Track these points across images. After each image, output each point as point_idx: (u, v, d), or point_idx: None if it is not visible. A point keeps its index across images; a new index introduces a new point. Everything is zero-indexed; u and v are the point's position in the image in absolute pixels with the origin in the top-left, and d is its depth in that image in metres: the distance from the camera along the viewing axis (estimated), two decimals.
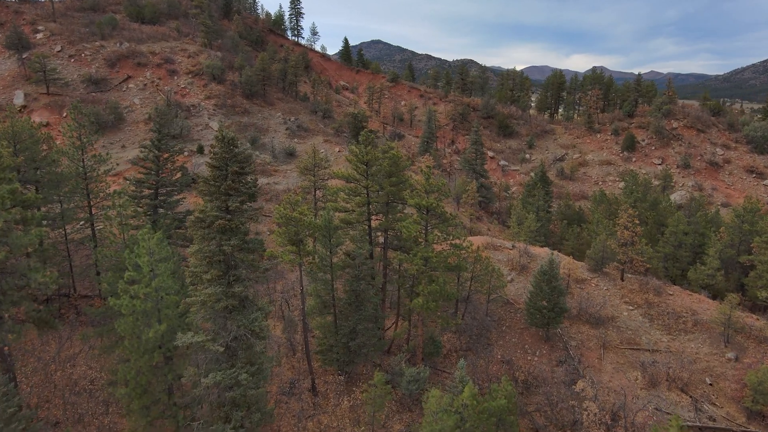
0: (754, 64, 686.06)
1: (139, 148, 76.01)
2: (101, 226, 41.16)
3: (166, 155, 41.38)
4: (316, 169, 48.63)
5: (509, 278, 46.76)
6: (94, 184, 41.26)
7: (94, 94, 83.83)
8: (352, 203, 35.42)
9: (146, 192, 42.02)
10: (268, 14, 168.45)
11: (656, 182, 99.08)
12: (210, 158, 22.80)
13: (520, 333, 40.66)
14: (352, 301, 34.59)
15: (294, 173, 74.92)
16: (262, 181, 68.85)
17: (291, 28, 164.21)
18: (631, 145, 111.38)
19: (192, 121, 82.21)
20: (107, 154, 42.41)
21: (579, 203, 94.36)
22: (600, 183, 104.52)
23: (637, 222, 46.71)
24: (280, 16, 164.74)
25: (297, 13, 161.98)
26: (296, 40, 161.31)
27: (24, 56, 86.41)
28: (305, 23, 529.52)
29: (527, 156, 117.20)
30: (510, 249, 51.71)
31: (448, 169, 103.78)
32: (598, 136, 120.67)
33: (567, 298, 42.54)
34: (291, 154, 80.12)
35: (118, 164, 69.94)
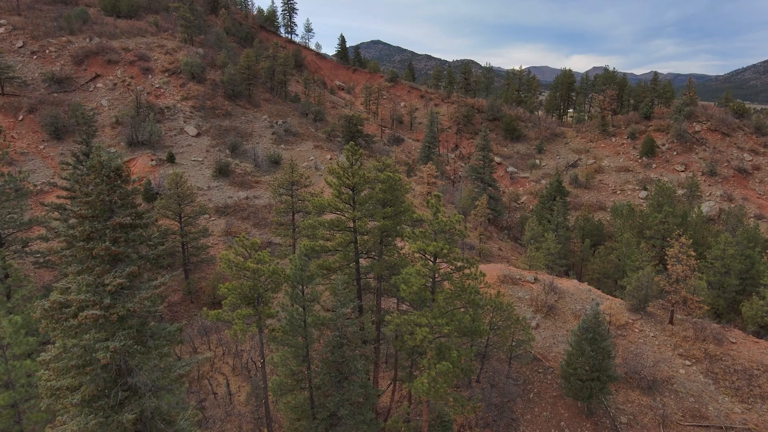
0: (754, 65, 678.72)
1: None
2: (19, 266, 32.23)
3: None
4: (294, 188, 39.54)
5: (534, 323, 37.70)
6: (6, 209, 32.37)
7: (56, 94, 74.78)
8: (333, 241, 26.32)
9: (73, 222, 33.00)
10: (260, 10, 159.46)
11: (680, 191, 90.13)
12: (76, 202, 13.75)
13: (552, 403, 31.58)
14: (333, 375, 25.58)
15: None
16: (239, 195, 59.84)
17: (284, 25, 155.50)
18: (650, 150, 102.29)
19: (165, 124, 73.11)
20: (19, 172, 33.32)
21: (597, 215, 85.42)
22: (618, 192, 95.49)
23: (693, 254, 37.66)
24: (272, 12, 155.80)
25: (290, 8, 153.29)
26: (289, 37, 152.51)
27: None
28: (299, 20, 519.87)
29: (537, 162, 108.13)
30: (532, 283, 42.64)
31: (452, 177, 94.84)
32: (613, 140, 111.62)
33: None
34: (276, 162, 71.03)
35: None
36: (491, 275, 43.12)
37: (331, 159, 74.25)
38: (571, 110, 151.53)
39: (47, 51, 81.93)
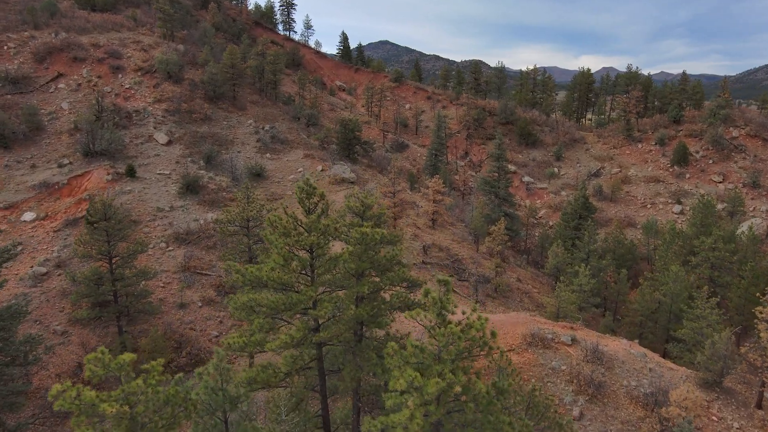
0: (766, 65, 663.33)
1: (56, 166, 57.87)
2: None
3: None
4: (252, 225, 29.72)
5: (576, 412, 27.66)
6: None
7: (9, 96, 65.45)
8: (278, 339, 16.41)
9: None
10: (257, 6, 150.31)
11: (720, 206, 79.53)
12: None
13: None
14: None
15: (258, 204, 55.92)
16: (207, 216, 50.05)
17: (282, 22, 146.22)
18: (682, 158, 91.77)
19: (132, 131, 63.58)
20: None
21: (627, 233, 75.06)
22: (648, 206, 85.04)
23: None
24: (269, 8, 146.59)
25: (288, 4, 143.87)
26: (287, 34, 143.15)
27: None
28: (299, 17, 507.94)
29: (555, 170, 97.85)
30: (568, 345, 32.57)
31: (462, 189, 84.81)
32: (640, 146, 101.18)
33: None
34: (258, 175, 61.38)
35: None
36: (514, 333, 33.18)
37: (322, 170, 64.49)
38: (589, 113, 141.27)
39: (5, 47, 72.64)
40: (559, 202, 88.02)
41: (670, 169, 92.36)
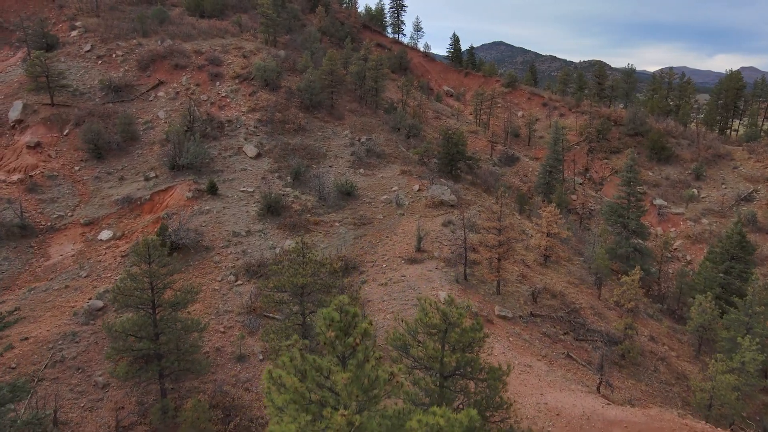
0: None
1: (143, 179, 55.97)
2: None
3: None
4: (306, 294, 23.17)
5: None
6: None
7: (111, 104, 65.18)
8: None
9: None
10: (368, 8, 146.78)
11: None
12: None
13: None
14: None
15: (344, 228, 50.09)
16: (286, 244, 44.78)
17: (391, 24, 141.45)
18: None
19: (221, 142, 60.58)
20: None
21: None
22: None
23: None
24: (379, 11, 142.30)
25: (398, 6, 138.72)
26: (396, 37, 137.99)
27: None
28: (408, 19, 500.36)
29: (695, 192, 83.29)
30: None
31: (580, 212, 73.89)
32: None
33: None
34: (348, 194, 55.64)
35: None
36: None
37: (419, 190, 57.50)
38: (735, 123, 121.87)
39: (114, 55, 73.24)
40: (699, 232, 74.28)
41: None
